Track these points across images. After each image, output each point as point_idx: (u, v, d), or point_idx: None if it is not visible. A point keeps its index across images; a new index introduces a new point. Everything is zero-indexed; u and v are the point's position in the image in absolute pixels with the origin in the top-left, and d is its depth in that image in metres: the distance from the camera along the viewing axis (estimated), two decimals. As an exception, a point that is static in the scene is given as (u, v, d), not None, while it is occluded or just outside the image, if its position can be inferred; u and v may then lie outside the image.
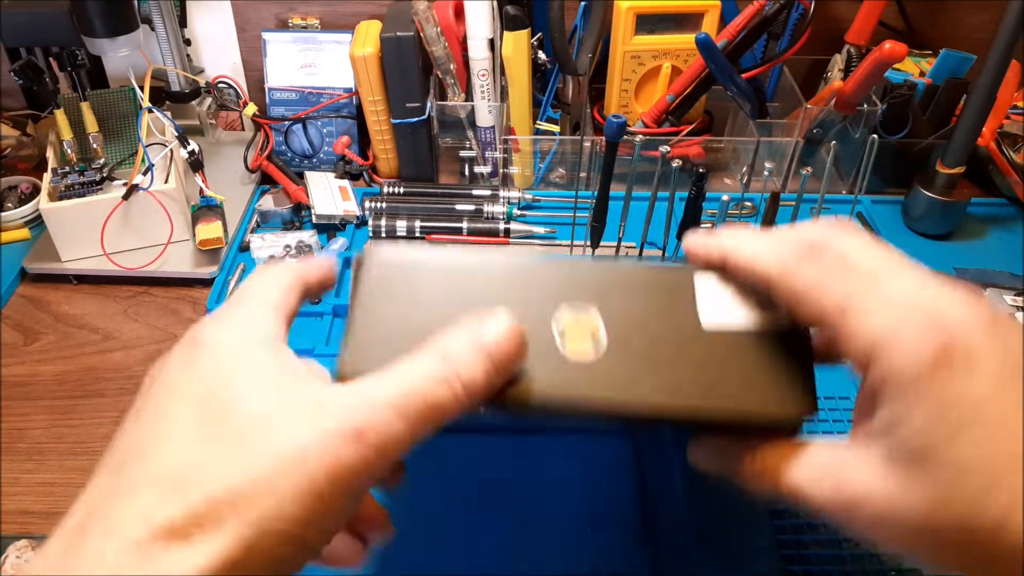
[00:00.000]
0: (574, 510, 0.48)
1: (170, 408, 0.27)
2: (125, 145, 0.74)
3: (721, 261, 0.32)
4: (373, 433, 0.26)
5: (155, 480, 0.25)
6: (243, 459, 0.25)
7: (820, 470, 0.28)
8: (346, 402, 0.27)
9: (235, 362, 0.28)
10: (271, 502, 0.25)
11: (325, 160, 0.81)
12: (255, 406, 0.26)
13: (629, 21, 0.74)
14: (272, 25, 0.84)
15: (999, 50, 0.63)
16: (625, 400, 0.30)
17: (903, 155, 0.76)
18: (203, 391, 0.27)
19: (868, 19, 0.78)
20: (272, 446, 0.25)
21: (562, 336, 0.31)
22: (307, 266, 0.33)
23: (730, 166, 0.81)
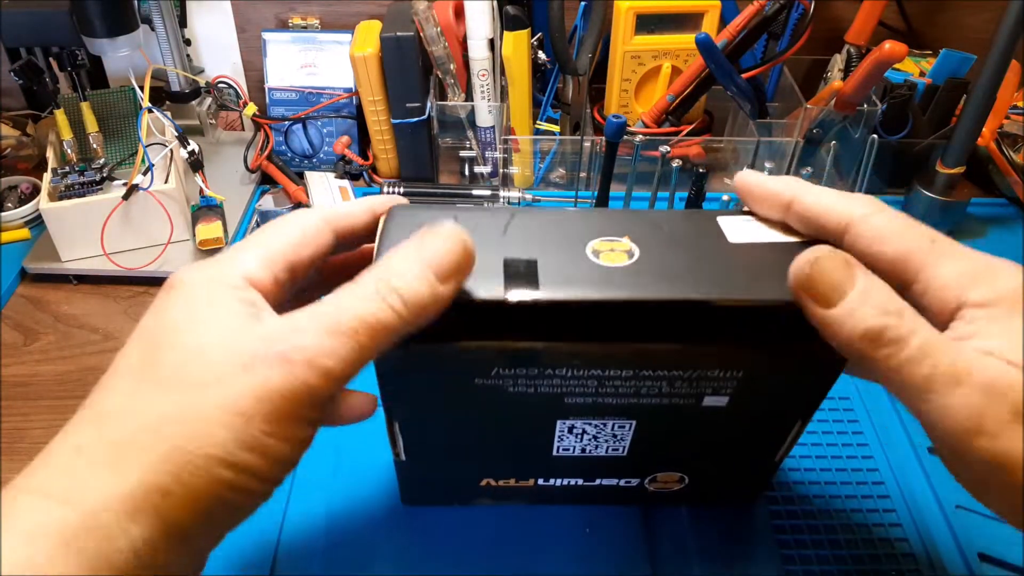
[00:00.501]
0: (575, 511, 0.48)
1: (123, 352, 0.29)
2: (125, 145, 0.74)
3: (787, 202, 0.32)
4: (300, 354, 0.26)
5: (97, 416, 0.28)
6: (170, 388, 0.26)
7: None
8: (273, 328, 0.27)
9: (191, 302, 0.28)
10: (195, 427, 0.26)
11: (325, 160, 0.81)
12: (191, 340, 0.27)
13: (629, 21, 0.74)
14: (272, 25, 0.84)
15: (999, 50, 0.63)
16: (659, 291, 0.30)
17: (903, 155, 0.76)
18: (154, 330, 0.28)
19: (868, 19, 0.78)
20: (197, 375, 0.26)
21: (596, 255, 0.32)
22: (338, 209, 0.33)
23: (730, 166, 0.81)
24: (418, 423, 0.37)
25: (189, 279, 0.29)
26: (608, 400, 0.35)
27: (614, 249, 0.32)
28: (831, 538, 0.47)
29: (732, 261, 0.32)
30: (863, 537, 0.47)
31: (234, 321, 0.28)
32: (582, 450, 0.39)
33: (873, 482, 0.51)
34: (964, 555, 0.46)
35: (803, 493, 0.50)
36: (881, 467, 0.52)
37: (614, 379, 0.33)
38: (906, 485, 0.50)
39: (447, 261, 0.28)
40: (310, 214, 0.33)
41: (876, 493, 0.50)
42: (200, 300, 0.28)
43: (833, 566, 0.46)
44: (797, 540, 0.47)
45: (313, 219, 0.32)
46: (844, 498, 0.49)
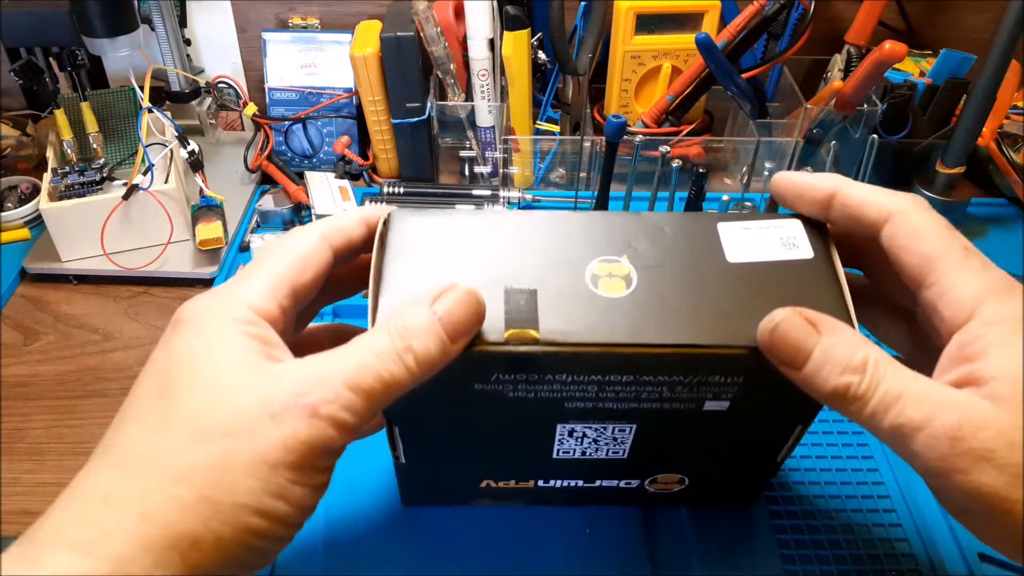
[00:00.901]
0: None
1: (139, 390, 0.29)
2: (125, 145, 0.74)
3: (829, 194, 0.32)
4: (325, 408, 0.27)
5: (119, 461, 0.27)
6: (198, 436, 0.26)
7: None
8: (300, 377, 0.28)
9: (204, 339, 0.29)
10: (225, 477, 0.26)
11: (325, 160, 0.81)
12: (211, 382, 0.27)
13: (629, 21, 0.74)
14: (272, 25, 0.84)
15: (999, 50, 0.63)
16: (663, 332, 0.31)
17: (903, 155, 0.76)
18: (167, 370, 0.28)
19: (868, 19, 0.78)
20: (224, 423, 0.27)
21: (595, 283, 0.32)
22: (333, 224, 0.33)
23: (730, 166, 0.81)
24: (417, 427, 0.37)
25: (197, 313, 0.30)
26: (608, 405, 0.35)
27: (612, 275, 0.33)
28: (831, 538, 0.47)
29: (730, 291, 0.32)
30: (863, 537, 0.47)
31: (250, 361, 0.28)
32: (582, 453, 0.39)
33: (873, 482, 0.50)
34: (964, 555, 0.46)
35: (803, 493, 0.50)
36: (881, 467, 0.52)
37: (614, 384, 0.33)
38: (906, 485, 0.50)
39: (460, 324, 0.29)
40: (308, 233, 0.33)
41: (876, 493, 0.50)
42: (212, 336, 0.29)
43: (833, 566, 0.46)
44: (797, 540, 0.47)
45: (312, 239, 0.32)
46: (844, 498, 0.49)
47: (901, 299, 0.35)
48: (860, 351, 0.28)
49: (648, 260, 0.33)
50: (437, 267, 0.32)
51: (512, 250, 0.33)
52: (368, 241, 0.34)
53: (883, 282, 0.35)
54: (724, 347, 0.31)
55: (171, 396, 0.27)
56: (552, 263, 0.33)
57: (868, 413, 0.28)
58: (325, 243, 0.32)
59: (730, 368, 0.32)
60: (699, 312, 0.32)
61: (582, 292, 0.32)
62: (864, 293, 0.36)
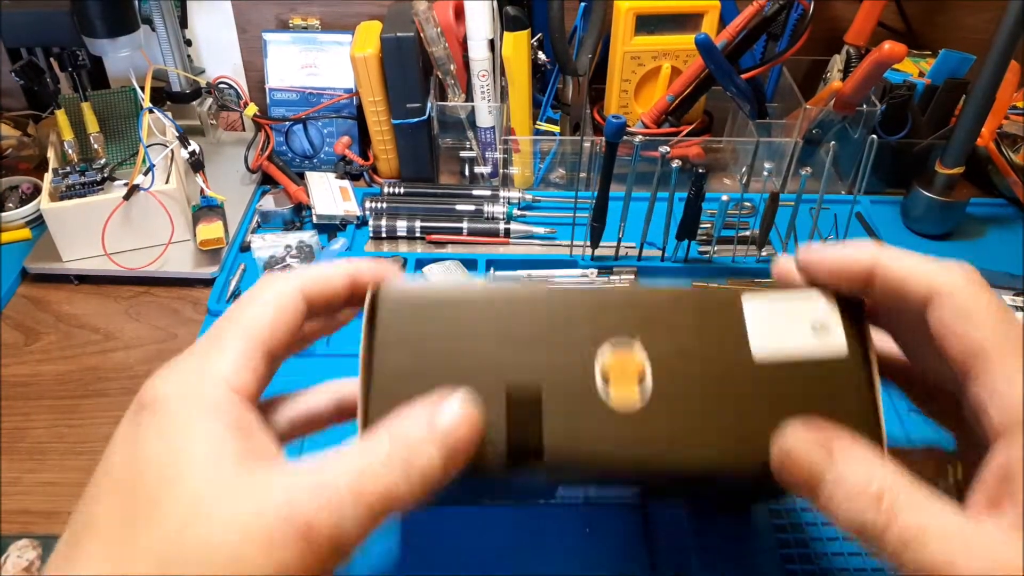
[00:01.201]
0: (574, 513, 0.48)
1: (99, 501, 0.24)
2: (126, 145, 0.74)
3: (867, 270, 0.29)
4: (325, 527, 0.23)
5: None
6: (170, 559, 0.22)
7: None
8: (286, 489, 0.24)
9: (174, 439, 0.25)
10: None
11: (325, 160, 0.81)
12: (186, 493, 0.23)
13: (629, 21, 0.74)
14: (272, 26, 0.84)
15: (999, 50, 0.63)
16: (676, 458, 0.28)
17: (902, 155, 0.76)
18: (131, 482, 0.24)
19: (867, 19, 0.78)
20: (206, 551, 0.22)
21: (606, 380, 0.29)
22: (313, 274, 0.30)
23: (730, 166, 0.82)
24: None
25: (165, 398, 0.25)
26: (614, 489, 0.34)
27: (625, 372, 0.29)
28: (831, 538, 0.47)
29: (752, 399, 0.29)
30: (862, 537, 0.47)
31: (232, 469, 0.24)
32: (585, 498, 0.39)
33: (872, 482, 0.51)
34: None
35: (802, 493, 0.50)
36: (880, 467, 0.52)
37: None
38: (905, 485, 0.50)
39: (461, 444, 0.26)
40: (284, 285, 0.29)
41: (875, 493, 0.50)
42: (185, 434, 0.24)
43: (833, 566, 0.46)
44: (797, 540, 0.47)
45: (288, 291, 0.29)
46: (843, 498, 0.50)
47: (947, 381, 0.30)
48: (876, 480, 0.25)
49: (664, 349, 0.29)
50: (432, 362, 0.29)
51: (515, 334, 0.30)
52: (350, 299, 0.31)
53: (928, 360, 0.31)
54: (738, 466, 0.29)
55: (137, 518, 0.23)
56: (559, 349, 0.29)
57: (886, 552, 0.25)
58: (301, 297, 0.29)
59: (740, 479, 0.30)
60: (718, 423, 0.29)
61: (591, 398, 0.29)
62: (908, 369, 0.33)
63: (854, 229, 0.69)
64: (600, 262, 0.67)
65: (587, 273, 0.66)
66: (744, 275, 0.67)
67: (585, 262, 0.67)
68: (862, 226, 0.74)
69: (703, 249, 0.69)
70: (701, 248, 0.69)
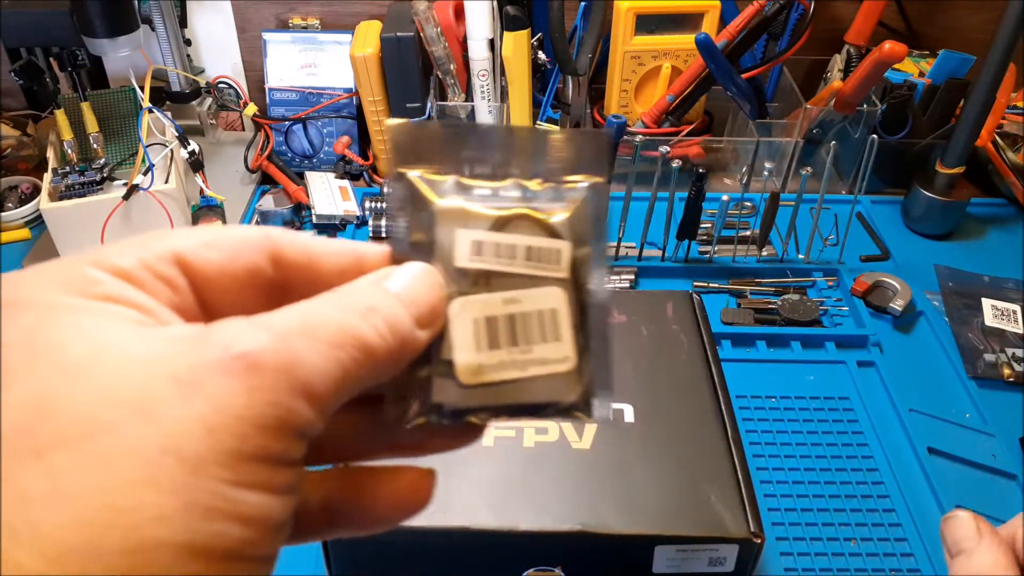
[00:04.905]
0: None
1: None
2: (125, 145, 0.74)
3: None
4: (272, 357, 0.17)
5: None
6: (36, 446, 0.15)
7: None
8: (213, 327, 0.18)
9: (40, 314, 0.17)
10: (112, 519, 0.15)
11: (325, 160, 0.81)
12: (62, 360, 0.16)
13: (629, 21, 0.74)
14: (272, 25, 0.84)
15: (999, 51, 0.63)
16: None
17: (903, 155, 0.76)
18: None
19: (868, 19, 0.78)
20: (88, 411, 0.16)
21: None
22: (304, 237, 0.22)
23: (730, 166, 0.82)
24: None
25: (25, 287, 0.18)
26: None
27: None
28: (831, 537, 0.47)
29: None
30: (863, 537, 0.47)
31: (124, 327, 0.17)
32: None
33: (873, 482, 0.51)
34: (964, 555, 0.46)
35: (802, 492, 0.50)
36: (881, 467, 0.52)
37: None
38: (906, 485, 0.50)
39: (425, 303, 0.21)
40: (250, 227, 0.22)
41: (876, 493, 0.50)
42: (54, 310, 0.17)
43: (833, 565, 0.46)
44: (796, 539, 0.47)
45: (249, 230, 0.21)
46: (844, 497, 0.50)
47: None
48: (1004, 567, 0.28)
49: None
50: None
51: None
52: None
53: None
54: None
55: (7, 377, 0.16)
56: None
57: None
58: (268, 242, 0.21)
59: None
60: None
61: None
62: None
63: (854, 229, 0.69)
64: (600, 262, 0.67)
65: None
66: (744, 275, 0.67)
67: (585, 262, 0.67)
68: (863, 226, 0.74)
69: (703, 249, 0.69)
70: (701, 248, 0.69)
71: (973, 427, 0.55)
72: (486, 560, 0.39)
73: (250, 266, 0.21)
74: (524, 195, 0.22)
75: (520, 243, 0.22)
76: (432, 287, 0.21)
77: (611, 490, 0.39)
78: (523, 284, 0.22)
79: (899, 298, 0.63)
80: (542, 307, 0.22)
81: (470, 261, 0.21)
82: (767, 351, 0.60)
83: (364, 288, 0.21)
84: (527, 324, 0.22)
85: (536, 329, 0.22)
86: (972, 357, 0.60)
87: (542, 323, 0.22)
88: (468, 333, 0.21)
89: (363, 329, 0.19)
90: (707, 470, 0.40)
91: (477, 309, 0.21)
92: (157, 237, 0.20)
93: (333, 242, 0.22)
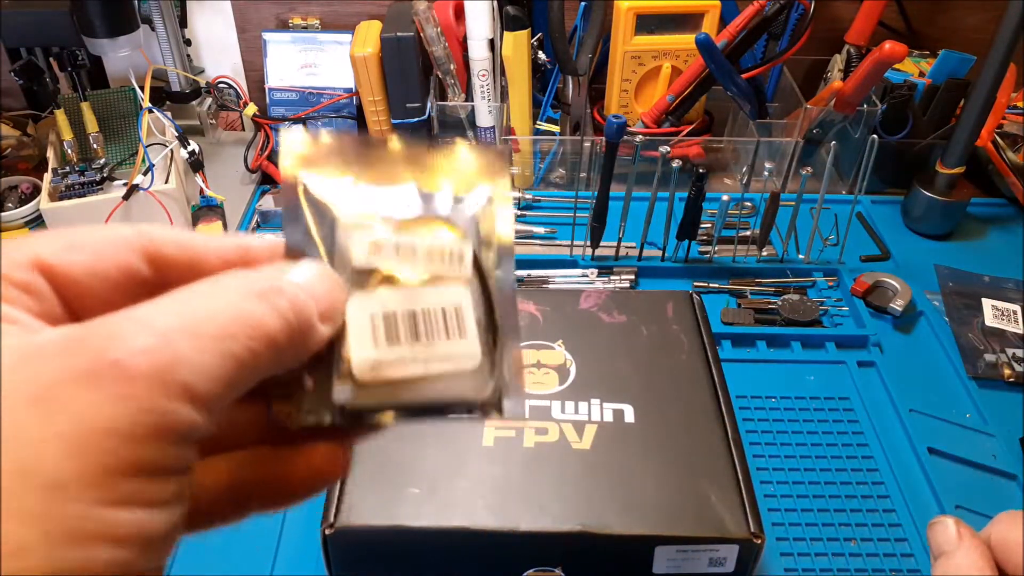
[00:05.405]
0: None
1: None
2: (125, 145, 0.74)
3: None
4: (144, 359, 0.16)
5: None
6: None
7: None
8: (74, 329, 0.16)
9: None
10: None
11: (325, 160, 0.81)
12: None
13: (629, 21, 0.74)
14: (272, 25, 0.84)
15: (999, 51, 0.63)
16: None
17: (903, 155, 0.76)
18: None
19: (868, 19, 0.78)
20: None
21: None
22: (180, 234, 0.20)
23: (730, 166, 0.82)
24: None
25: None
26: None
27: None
28: (831, 537, 0.47)
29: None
30: (863, 537, 0.47)
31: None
32: None
33: (873, 482, 0.51)
34: (964, 555, 0.46)
35: (803, 493, 0.50)
36: (881, 467, 0.52)
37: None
38: (906, 485, 0.50)
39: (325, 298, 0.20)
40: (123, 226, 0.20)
41: (876, 493, 0.50)
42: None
43: (833, 566, 0.46)
44: (796, 539, 0.47)
45: (122, 228, 0.20)
46: (844, 498, 0.50)
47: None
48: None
49: None
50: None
51: None
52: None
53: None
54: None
55: None
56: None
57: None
58: (139, 239, 0.19)
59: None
60: None
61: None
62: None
63: (855, 229, 0.69)
64: (600, 262, 0.67)
65: (587, 273, 0.66)
66: (744, 275, 0.67)
67: (585, 262, 0.67)
68: (863, 226, 0.74)
69: (703, 249, 0.69)
70: (701, 248, 0.69)
71: (973, 427, 0.55)
72: (486, 561, 0.39)
73: (122, 266, 0.19)
74: (425, 198, 0.22)
75: (421, 243, 0.21)
76: (333, 283, 0.20)
77: (611, 490, 0.39)
78: (425, 284, 0.21)
79: (899, 298, 0.63)
80: (445, 304, 0.21)
81: (368, 261, 0.21)
82: (767, 351, 0.60)
83: (265, 272, 0.19)
84: (429, 321, 0.21)
85: (440, 326, 0.21)
86: (972, 357, 0.60)
87: (446, 320, 0.21)
88: (365, 329, 0.20)
89: (262, 313, 0.18)
90: (707, 470, 0.40)
91: (375, 305, 0.20)
92: (17, 245, 0.18)
93: (216, 238, 0.21)
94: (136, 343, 0.16)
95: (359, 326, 0.20)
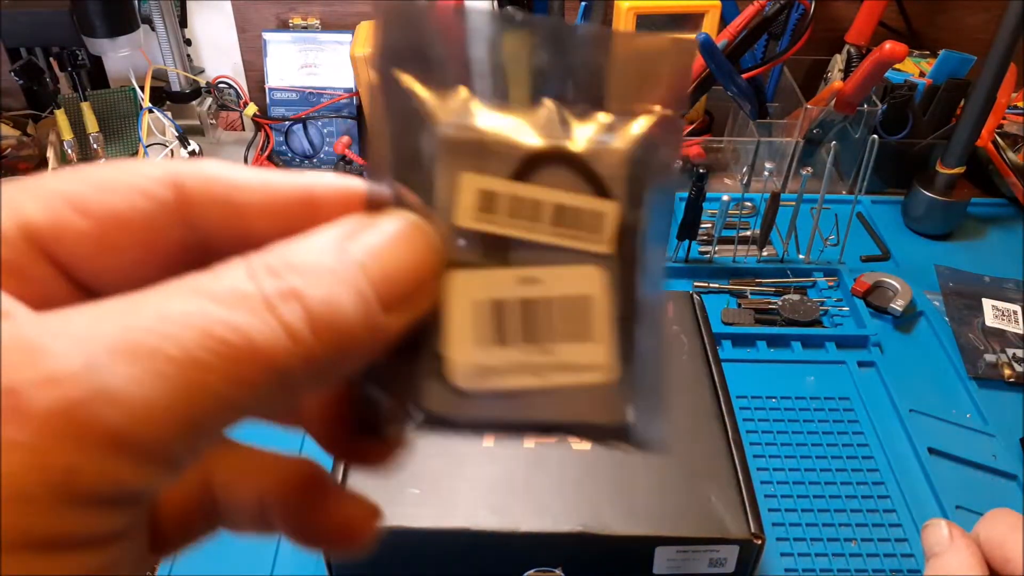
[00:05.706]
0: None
1: None
2: (126, 145, 0.74)
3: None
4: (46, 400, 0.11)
5: None
6: None
7: None
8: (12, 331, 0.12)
9: None
10: None
11: (326, 160, 0.81)
12: None
13: (629, 21, 0.74)
14: (272, 25, 0.84)
15: (999, 51, 0.63)
16: None
17: (903, 155, 0.76)
18: None
19: (868, 19, 0.78)
20: None
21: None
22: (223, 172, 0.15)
23: (730, 166, 0.82)
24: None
25: None
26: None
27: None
28: (831, 537, 0.47)
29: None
30: (863, 537, 0.47)
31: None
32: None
33: (873, 482, 0.51)
34: (964, 555, 0.46)
35: (803, 493, 0.50)
36: (881, 467, 0.52)
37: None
38: (906, 485, 0.50)
39: (397, 277, 0.15)
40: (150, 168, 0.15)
41: (876, 493, 0.50)
42: None
43: (833, 566, 0.46)
44: (797, 540, 0.47)
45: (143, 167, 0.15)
46: (844, 498, 0.50)
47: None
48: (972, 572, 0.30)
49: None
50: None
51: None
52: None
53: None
54: None
55: None
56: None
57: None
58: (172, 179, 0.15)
59: None
60: None
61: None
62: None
63: (855, 229, 0.69)
64: (600, 262, 0.67)
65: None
66: (745, 275, 0.67)
67: (585, 262, 0.67)
68: (863, 226, 0.74)
69: (704, 249, 0.69)
70: (702, 248, 0.69)
71: (973, 427, 0.55)
72: (487, 561, 0.39)
73: (157, 218, 0.15)
74: (562, 125, 0.16)
75: (548, 199, 0.16)
76: (417, 251, 0.15)
77: (611, 491, 0.39)
78: (548, 258, 0.16)
79: (899, 298, 0.63)
80: (571, 292, 0.16)
81: (477, 220, 0.15)
82: (767, 351, 0.60)
83: (299, 260, 0.14)
84: (549, 315, 0.16)
85: (561, 323, 0.16)
86: (973, 357, 0.60)
87: (570, 315, 0.16)
88: (467, 322, 0.15)
89: (258, 335, 0.13)
90: (707, 470, 0.40)
91: (481, 289, 0.15)
92: (5, 205, 0.14)
93: (274, 177, 0.16)
94: (42, 366, 0.11)
95: (459, 315, 0.15)
